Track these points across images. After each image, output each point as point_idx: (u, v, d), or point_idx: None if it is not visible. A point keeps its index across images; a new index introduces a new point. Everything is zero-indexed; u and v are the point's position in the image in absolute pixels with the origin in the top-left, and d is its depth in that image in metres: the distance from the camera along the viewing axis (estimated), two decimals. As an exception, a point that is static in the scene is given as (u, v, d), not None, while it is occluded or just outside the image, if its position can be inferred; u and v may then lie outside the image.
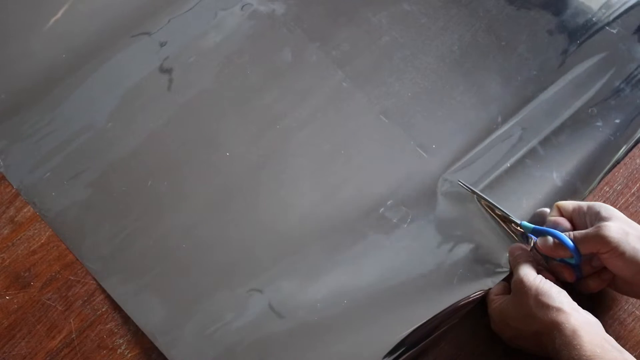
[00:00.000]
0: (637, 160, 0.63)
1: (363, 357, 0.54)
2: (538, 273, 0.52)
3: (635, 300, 0.57)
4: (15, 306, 0.56)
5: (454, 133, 0.63)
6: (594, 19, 0.68)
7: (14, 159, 0.61)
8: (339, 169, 0.61)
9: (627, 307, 0.57)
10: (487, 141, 0.62)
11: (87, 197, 0.59)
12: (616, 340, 0.53)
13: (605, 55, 0.66)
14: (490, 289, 0.56)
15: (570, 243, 0.52)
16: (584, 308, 0.51)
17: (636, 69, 0.65)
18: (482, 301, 0.56)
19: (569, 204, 0.56)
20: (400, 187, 0.60)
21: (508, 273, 0.56)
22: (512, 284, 0.53)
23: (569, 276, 0.54)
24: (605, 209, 0.53)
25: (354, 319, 0.55)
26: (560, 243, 0.52)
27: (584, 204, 0.55)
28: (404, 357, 0.54)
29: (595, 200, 0.60)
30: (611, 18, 0.67)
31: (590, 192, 0.60)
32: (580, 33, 0.67)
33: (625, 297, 0.57)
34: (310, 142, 0.62)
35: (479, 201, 0.59)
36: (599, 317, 0.54)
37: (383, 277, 0.57)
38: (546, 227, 0.56)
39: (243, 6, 0.68)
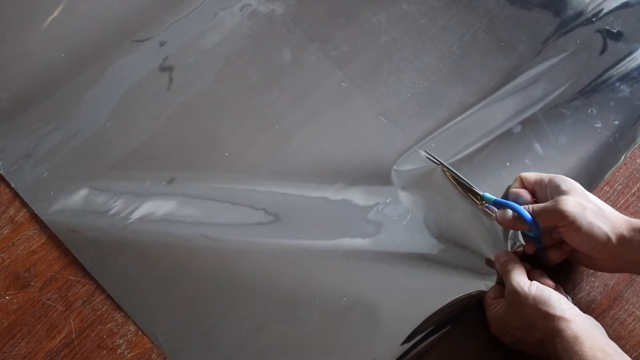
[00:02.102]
0: (638, 160, 0.63)
1: (364, 357, 0.54)
2: (530, 277, 0.52)
3: (635, 300, 0.57)
4: (15, 306, 0.56)
5: (454, 133, 0.63)
6: (594, 18, 0.68)
7: (12, 158, 0.61)
8: (339, 169, 0.61)
9: (628, 307, 0.57)
10: (487, 140, 0.62)
11: (86, 196, 0.59)
12: (616, 340, 0.53)
13: (606, 55, 0.66)
14: (487, 291, 0.55)
15: (529, 216, 0.52)
16: (583, 309, 0.51)
17: (636, 69, 0.65)
18: (482, 301, 0.56)
19: (532, 176, 0.56)
20: (399, 185, 0.60)
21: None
22: (506, 294, 0.52)
23: (528, 248, 0.54)
24: (566, 182, 0.53)
25: (352, 317, 0.55)
26: (519, 216, 0.53)
27: (545, 176, 0.55)
28: (405, 357, 0.54)
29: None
30: (612, 18, 0.67)
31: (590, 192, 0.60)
32: (580, 33, 0.67)
33: (625, 297, 0.57)
34: (309, 142, 0.62)
35: (444, 173, 0.59)
36: (599, 318, 0.55)
37: (383, 275, 0.57)
38: (508, 198, 0.56)
39: (243, 6, 0.68)
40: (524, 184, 0.57)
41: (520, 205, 0.53)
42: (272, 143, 0.62)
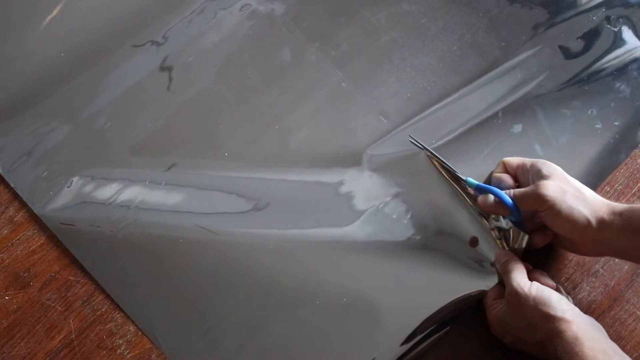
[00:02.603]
0: (638, 160, 0.62)
1: (364, 357, 0.54)
2: (530, 278, 0.52)
3: (636, 300, 0.57)
4: (15, 306, 0.56)
5: (455, 133, 0.63)
6: (594, 17, 0.67)
7: (12, 158, 0.61)
8: (339, 168, 0.61)
9: (628, 308, 0.57)
10: (486, 138, 0.62)
11: (85, 196, 0.59)
12: (617, 340, 0.53)
13: (606, 55, 0.66)
14: (487, 291, 0.55)
15: (510, 201, 0.53)
16: (584, 310, 0.51)
17: (636, 70, 0.65)
18: (482, 301, 0.56)
19: (514, 160, 0.57)
20: (399, 184, 0.60)
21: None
22: (506, 294, 0.52)
23: None
24: (547, 166, 0.53)
25: (353, 316, 0.55)
26: (500, 201, 0.53)
27: (528, 160, 0.55)
28: (406, 357, 0.54)
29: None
30: (612, 17, 0.67)
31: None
32: (581, 32, 0.67)
33: (625, 298, 0.57)
34: (309, 142, 0.62)
35: (429, 159, 0.60)
36: (599, 318, 0.55)
37: (383, 275, 0.57)
38: (491, 183, 0.56)
39: (242, 6, 0.68)
40: (506, 169, 0.57)
41: (503, 189, 0.54)
42: (272, 143, 0.62)
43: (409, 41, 0.67)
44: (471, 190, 0.57)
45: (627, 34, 0.66)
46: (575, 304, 0.51)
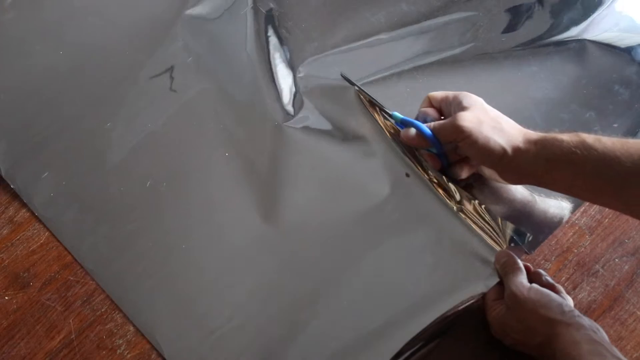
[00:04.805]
0: (638, 160, 0.62)
1: (366, 357, 0.54)
2: (530, 279, 0.52)
3: (636, 300, 0.57)
4: (15, 306, 0.56)
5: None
6: (594, 15, 0.67)
7: (12, 158, 0.61)
8: (339, 168, 0.61)
9: (628, 308, 0.56)
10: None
11: (86, 197, 0.59)
12: (617, 340, 0.53)
13: (606, 55, 0.66)
14: (486, 292, 0.55)
15: (429, 132, 0.54)
16: (584, 310, 0.51)
17: (635, 72, 0.65)
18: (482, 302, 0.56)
19: (439, 94, 0.58)
20: (401, 183, 0.60)
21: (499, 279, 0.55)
22: (505, 297, 0.52)
23: (434, 164, 0.56)
24: (468, 98, 0.54)
25: (353, 321, 0.55)
26: (421, 133, 0.54)
27: (451, 93, 0.56)
28: (406, 357, 0.54)
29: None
30: (612, 17, 0.67)
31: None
32: (581, 30, 0.67)
33: (626, 298, 0.57)
34: (309, 141, 0.62)
35: (359, 96, 0.61)
36: (600, 318, 0.55)
37: (383, 279, 0.57)
38: (417, 118, 0.58)
39: (241, 6, 0.68)
40: (432, 103, 0.58)
41: (428, 123, 0.55)
42: (272, 142, 0.62)
43: (408, 41, 0.66)
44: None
45: (631, 40, 0.67)
46: (575, 304, 0.51)
